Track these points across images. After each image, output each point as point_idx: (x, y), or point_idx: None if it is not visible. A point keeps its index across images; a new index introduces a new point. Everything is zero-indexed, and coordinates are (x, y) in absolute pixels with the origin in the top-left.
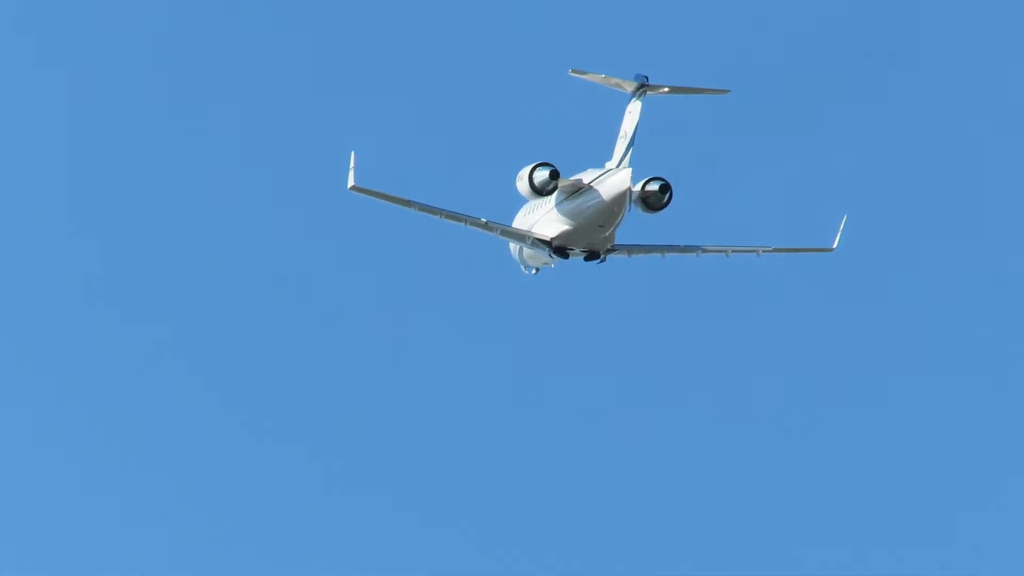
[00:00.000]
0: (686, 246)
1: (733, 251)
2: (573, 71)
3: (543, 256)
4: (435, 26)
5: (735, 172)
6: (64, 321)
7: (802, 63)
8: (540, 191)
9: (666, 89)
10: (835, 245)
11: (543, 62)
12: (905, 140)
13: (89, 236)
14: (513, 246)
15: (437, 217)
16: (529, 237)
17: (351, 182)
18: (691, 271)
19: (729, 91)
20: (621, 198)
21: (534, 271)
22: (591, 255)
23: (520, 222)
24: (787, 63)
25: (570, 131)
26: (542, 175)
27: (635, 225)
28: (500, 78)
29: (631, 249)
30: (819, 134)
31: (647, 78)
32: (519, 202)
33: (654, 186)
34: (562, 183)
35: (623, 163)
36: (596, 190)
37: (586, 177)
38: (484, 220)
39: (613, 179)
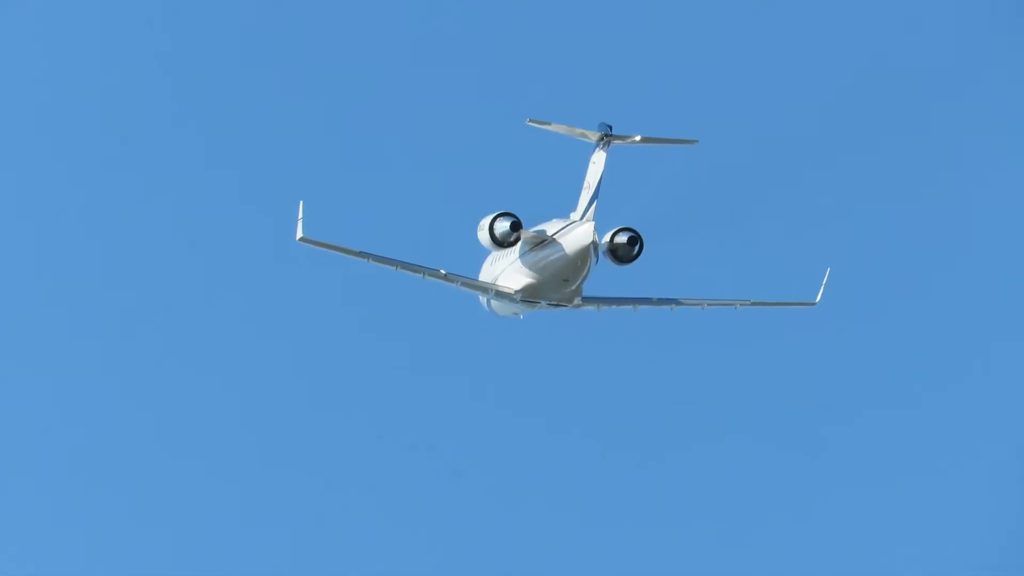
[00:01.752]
0: (660, 299)
1: (709, 304)
2: (531, 120)
3: (511, 306)
4: (397, 72)
5: (707, 224)
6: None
7: (779, 116)
8: (501, 243)
9: (637, 138)
10: (818, 299)
11: (513, 110)
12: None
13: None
14: (482, 297)
15: (393, 269)
16: (492, 290)
17: (299, 233)
18: (668, 324)
19: (697, 141)
20: (584, 252)
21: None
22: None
23: (486, 272)
24: (762, 116)
25: (538, 178)
26: (503, 227)
27: (605, 277)
28: (468, 128)
29: (601, 302)
30: (793, 186)
31: (611, 128)
32: (481, 254)
33: (623, 238)
34: (525, 234)
35: (587, 215)
36: (559, 243)
37: (550, 228)
38: (443, 272)
39: (575, 233)
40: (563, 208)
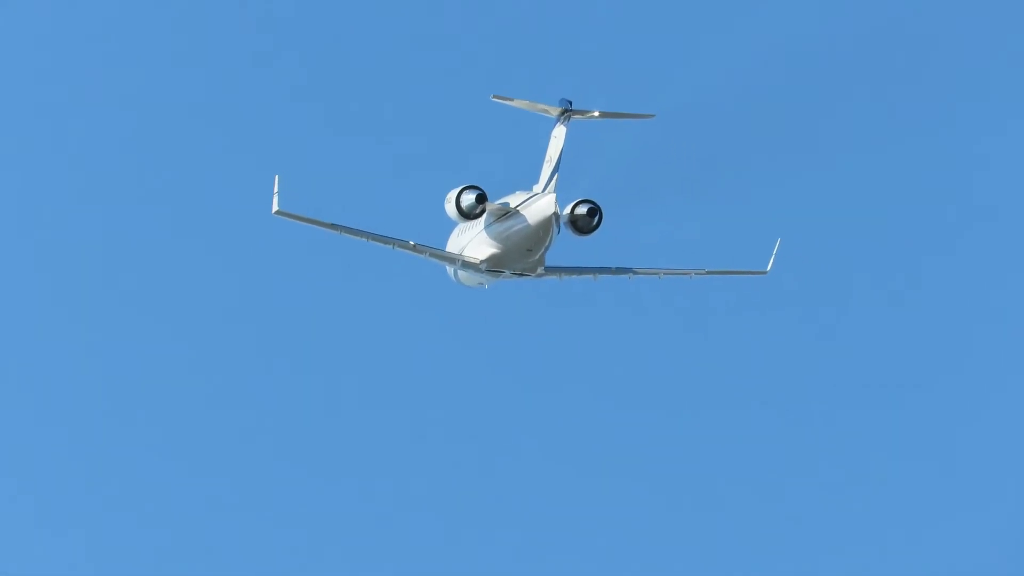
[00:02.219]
0: (618, 268)
1: (666, 273)
2: (495, 96)
3: (477, 276)
4: (366, 50)
5: (666, 196)
6: None
7: (737, 88)
8: (467, 214)
9: (596, 113)
10: (769, 268)
11: (474, 85)
12: (834, 170)
13: None
14: (449, 268)
15: (364, 240)
16: (459, 260)
17: (275, 207)
18: (627, 291)
19: (655, 115)
20: (547, 223)
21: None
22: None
23: (452, 243)
24: (720, 88)
25: (502, 152)
26: (468, 199)
27: (567, 247)
28: (431, 101)
29: (562, 271)
30: (752, 159)
31: (571, 103)
32: (448, 225)
33: (583, 209)
34: (489, 206)
35: (549, 187)
36: (522, 215)
37: (513, 201)
38: (412, 243)
39: (538, 204)
40: (526, 181)
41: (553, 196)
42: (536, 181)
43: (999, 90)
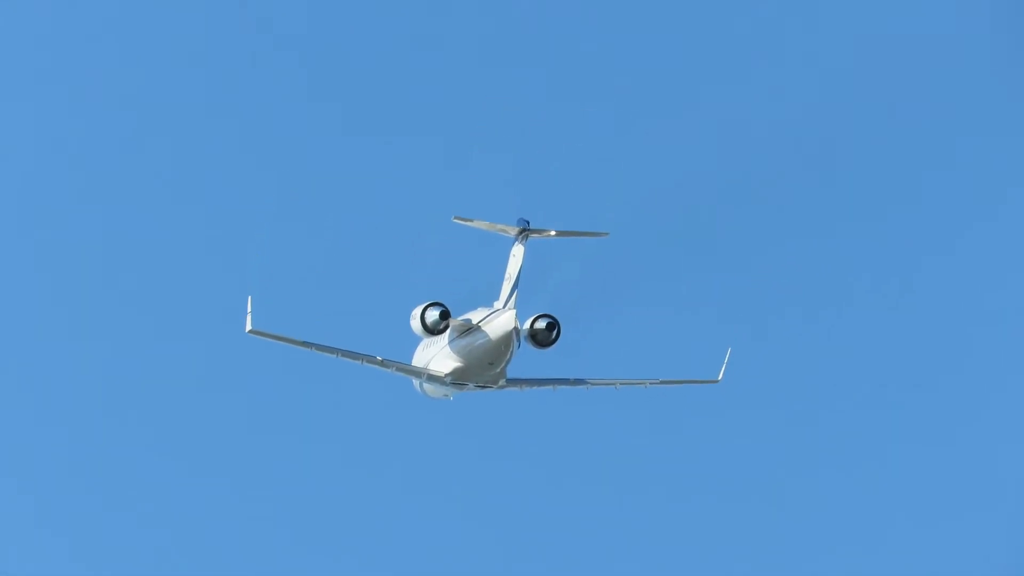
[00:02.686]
0: (575, 379)
1: (621, 383)
2: (456, 218)
3: (442, 388)
4: (329, 170)
5: (621, 309)
6: None
7: (684, 204)
8: (431, 330)
9: (552, 233)
10: (720, 377)
11: (437, 204)
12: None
13: None
14: (415, 380)
15: (334, 357)
16: (424, 373)
17: (248, 326)
18: (582, 401)
19: (608, 234)
20: (507, 338)
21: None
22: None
23: (419, 356)
24: (665, 206)
25: (464, 269)
26: (432, 315)
27: (528, 359)
28: (392, 220)
29: (523, 383)
30: (697, 272)
31: (528, 223)
32: (414, 340)
33: (541, 323)
34: (452, 322)
35: (509, 303)
36: (484, 330)
37: (475, 317)
38: (380, 358)
39: (498, 320)
40: (487, 298)
41: (513, 312)
42: (496, 298)
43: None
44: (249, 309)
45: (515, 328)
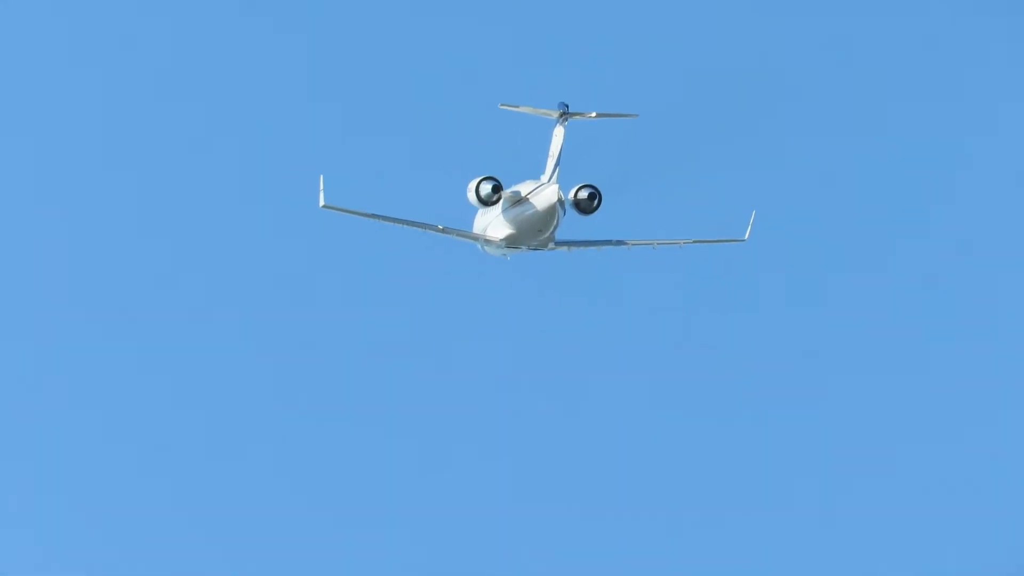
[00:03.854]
0: (617, 240)
1: (659, 243)
2: (502, 105)
3: (499, 250)
4: (394, 57)
5: (656, 179)
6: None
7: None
8: (485, 202)
9: (593, 115)
10: (747, 236)
11: (487, 88)
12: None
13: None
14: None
15: (401, 227)
16: (482, 239)
17: (321, 201)
18: (625, 261)
19: (637, 115)
20: (552, 208)
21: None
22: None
23: (477, 223)
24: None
25: (517, 145)
26: (486, 188)
27: (575, 225)
28: (449, 102)
29: (570, 244)
30: (726, 145)
31: (567, 107)
32: (471, 210)
33: (584, 193)
34: (504, 194)
35: (552, 178)
36: (531, 202)
37: (524, 189)
38: (441, 227)
39: (543, 193)
40: (535, 171)
41: (556, 186)
42: (543, 172)
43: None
44: (321, 187)
45: (559, 199)
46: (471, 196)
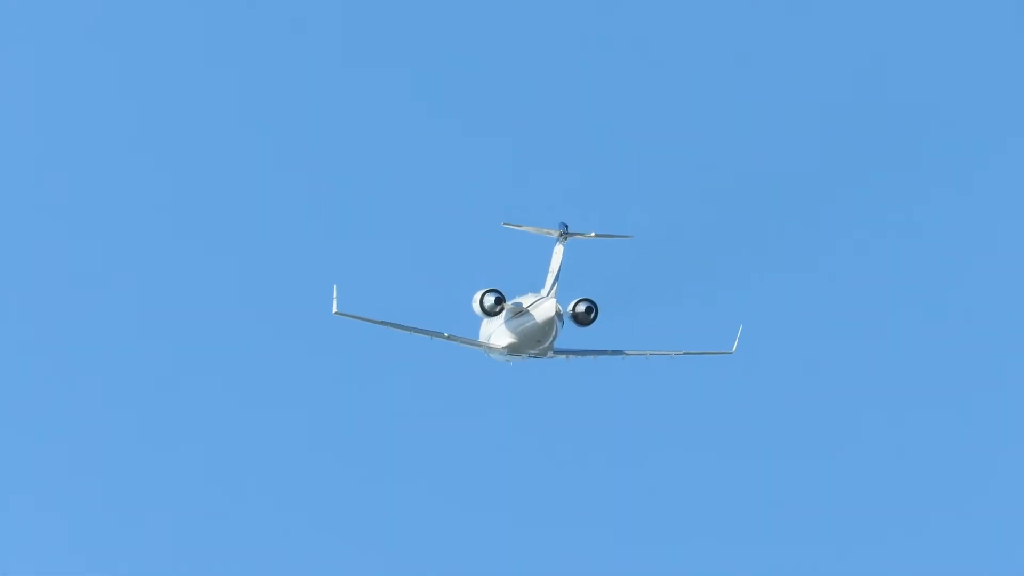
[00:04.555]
0: (613, 350)
1: (651, 354)
2: (505, 223)
3: (503, 356)
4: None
5: (649, 296)
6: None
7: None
8: (489, 312)
9: (592, 234)
10: (734, 349)
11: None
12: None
13: None
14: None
15: (410, 333)
16: (485, 346)
17: (335, 309)
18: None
19: (632, 236)
20: (550, 321)
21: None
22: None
23: (483, 331)
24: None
25: (517, 262)
26: (489, 300)
27: (574, 335)
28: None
29: (569, 353)
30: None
31: (567, 227)
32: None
33: (582, 307)
34: (507, 306)
35: (551, 292)
36: (531, 314)
37: (525, 301)
38: (447, 335)
39: (542, 307)
40: (536, 284)
41: (554, 300)
42: (543, 286)
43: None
44: (335, 295)
45: (557, 312)
46: (475, 306)
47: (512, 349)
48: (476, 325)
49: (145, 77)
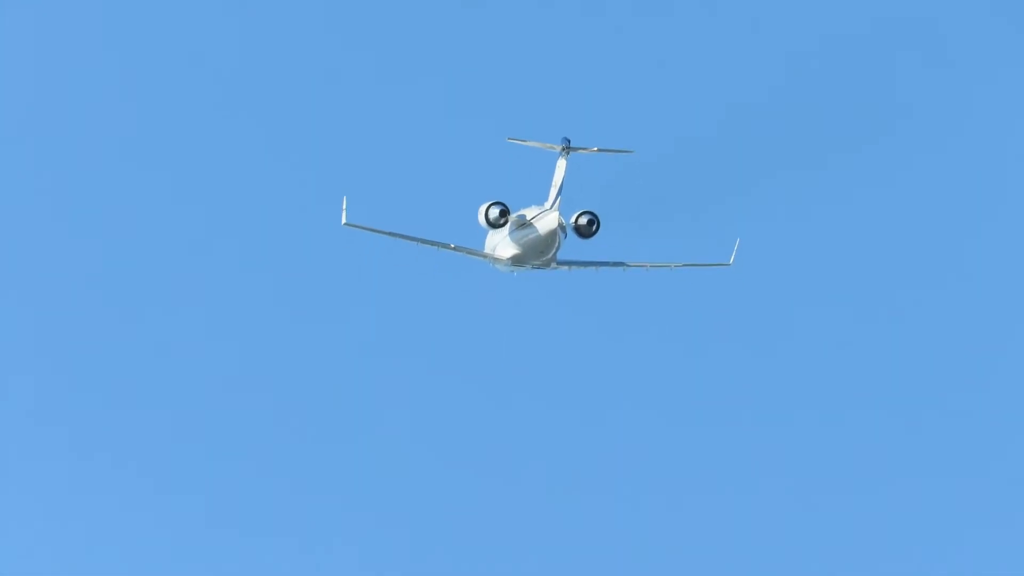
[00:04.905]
0: (615, 262)
1: (652, 266)
2: (510, 139)
3: (507, 267)
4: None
5: (649, 208)
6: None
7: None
8: (493, 224)
9: (594, 149)
10: (731, 261)
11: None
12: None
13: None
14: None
15: (417, 244)
16: (490, 257)
17: (344, 220)
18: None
19: (633, 151)
20: (552, 233)
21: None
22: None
23: (488, 242)
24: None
25: (523, 174)
26: (494, 212)
27: (576, 246)
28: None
29: (571, 264)
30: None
31: (569, 141)
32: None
33: (584, 219)
34: (511, 218)
35: (555, 205)
36: (535, 226)
37: (528, 213)
38: (453, 245)
39: (545, 219)
40: (540, 197)
41: (557, 213)
42: (546, 199)
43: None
44: (344, 206)
45: (559, 224)
46: (480, 218)
47: (516, 260)
48: (482, 237)
49: (145, 76)
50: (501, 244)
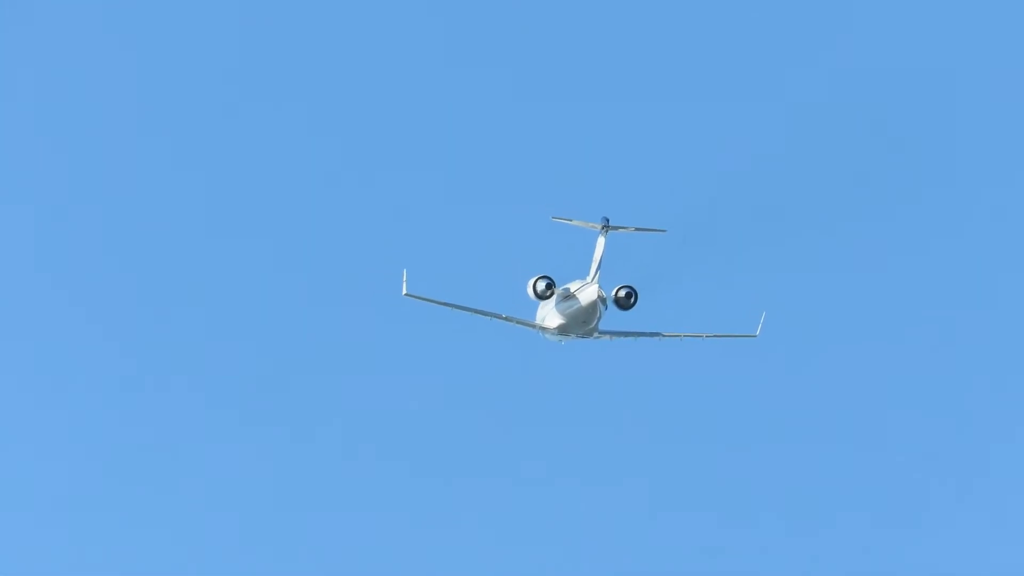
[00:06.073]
0: (651, 332)
1: (685, 336)
2: (554, 217)
3: (555, 336)
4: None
5: (684, 277)
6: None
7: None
8: (541, 296)
9: (632, 228)
10: (758, 333)
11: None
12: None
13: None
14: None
15: (470, 314)
16: (538, 327)
17: (404, 291)
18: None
19: (665, 230)
20: (593, 304)
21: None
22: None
23: (538, 314)
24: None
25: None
26: (540, 285)
27: (617, 317)
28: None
29: (612, 334)
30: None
31: (608, 220)
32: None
33: (622, 292)
34: (556, 291)
35: (595, 279)
36: (577, 298)
37: (572, 287)
38: (504, 315)
39: (586, 292)
40: (583, 271)
41: (596, 286)
42: (587, 273)
43: None
44: (404, 278)
45: (600, 297)
46: (529, 291)
47: (562, 329)
48: (532, 309)
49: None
50: (549, 315)
